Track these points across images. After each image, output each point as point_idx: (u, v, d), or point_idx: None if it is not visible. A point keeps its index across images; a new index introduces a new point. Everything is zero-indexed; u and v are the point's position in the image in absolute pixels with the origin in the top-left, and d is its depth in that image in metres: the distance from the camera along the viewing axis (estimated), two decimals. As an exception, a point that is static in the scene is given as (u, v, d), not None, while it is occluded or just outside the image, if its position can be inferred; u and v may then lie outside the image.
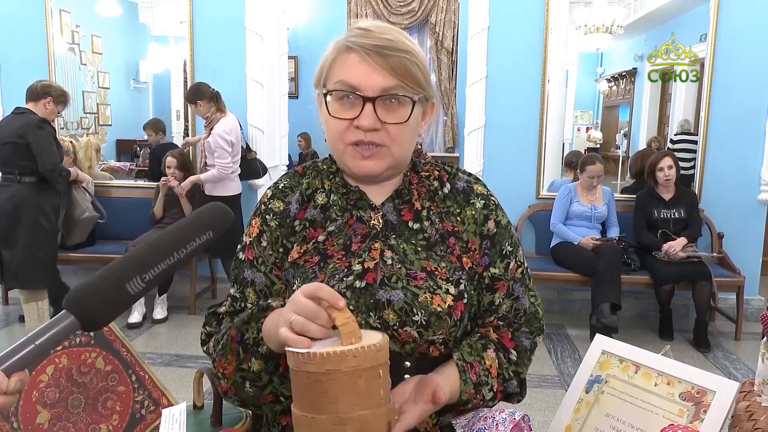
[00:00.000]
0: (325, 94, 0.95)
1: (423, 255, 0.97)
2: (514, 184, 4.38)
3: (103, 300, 0.63)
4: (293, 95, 6.97)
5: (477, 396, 0.95)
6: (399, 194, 1.01)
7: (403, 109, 0.93)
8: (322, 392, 0.72)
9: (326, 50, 0.97)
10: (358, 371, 0.72)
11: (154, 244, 0.69)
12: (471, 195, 1.03)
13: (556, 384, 3.31)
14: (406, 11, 7.33)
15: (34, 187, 3.54)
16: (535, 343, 1.04)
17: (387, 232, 0.98)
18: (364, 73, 0.91)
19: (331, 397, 0.72)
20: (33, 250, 3.54)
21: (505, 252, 1.02)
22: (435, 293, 0.93)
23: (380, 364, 0.75)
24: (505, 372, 0.99)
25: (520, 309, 1.02)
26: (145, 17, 6.65)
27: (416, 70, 0.94)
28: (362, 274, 0.94)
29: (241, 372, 0.92)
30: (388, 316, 0.91)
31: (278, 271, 1.00)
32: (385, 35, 0.93)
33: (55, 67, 4.72)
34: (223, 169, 4.09)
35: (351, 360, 0.72)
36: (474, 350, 0.98)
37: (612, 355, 1.04)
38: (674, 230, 4.03)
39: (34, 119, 3.52)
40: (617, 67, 7.95)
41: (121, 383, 1.12)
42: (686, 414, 0.91)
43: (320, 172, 1.04)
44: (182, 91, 5.71)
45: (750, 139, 4.22)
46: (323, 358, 0.71)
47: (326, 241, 0.98)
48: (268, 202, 1.03)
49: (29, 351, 0.60)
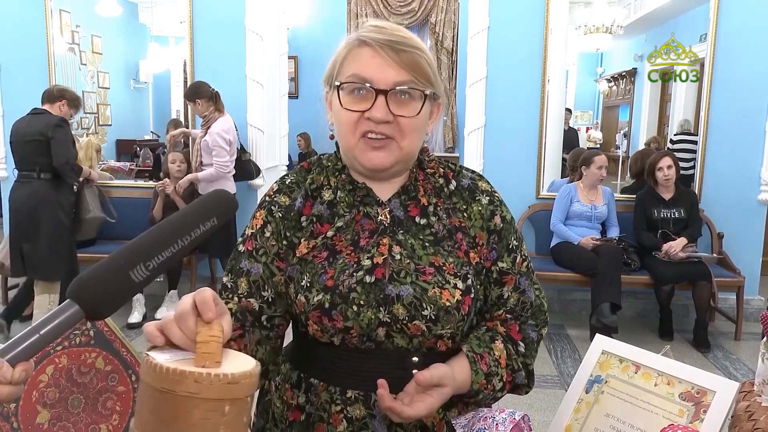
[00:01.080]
0: (337, 87, 0.95)
1: (431, 250, 0.98)
2: (514, 184, 4.38)
3: (107, 289, 0.62)
4: (293, 95, 6.97)
5: (488, 386, 0.96)
6: (405, 190, 1.02)
7: (415, 103, 0.95)
8: (154, 411, 0.61)
9: (337, 47, 0.98)
10: (196, 400, 0.60)
11: (157, 231, 0.68)
12: (476, 191, 1.05)
13: (556, 384, 3.31)
14: (406, 11, 7.33)
15: (52, 184, 3.67)
16: (541, 335, 1.06)
17: (394, 227, 0.99)
18: (377, 66, 0.93)
19: (162, 418, 0.61)
20: (54, 244, 3.68)
21: (512, 246, 1.03)
22: (444, 288, 0.94)
23: (229, 399, 0.61)
24: (515, 363, 1.01)
25: (527, 302, 1.04)
26: (145, 17, 6.65)
27: (427, 67, 0.95)
28: (371, 269, 0.95)
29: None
30: (397, 311, 0.92)
31: (279, 262, 1.00)
32: (398, 32, 0.95)
33: (55, 67, 4.72)
34: (222, 167, 4.09)
35: (190, 384, 0.60)
36: (482, 342, 0.99)
37: (612, 355, 1.04)
38: (674, 230, 4.03)
39: (54, 118, 3.66)
40: (617, 68, 7.94)
41: (121, 383, 1.12)
42: (686, 414, 0.91)
43: (324, 169, 1.05)
44: (182, 91, 5.71)
45: (750, 139, 4.22)
46: (161, 372, 0.60)
47: (335, 236, 0.99)
48: (273, 195, 1.04)
49: (34, 341, 0.60)
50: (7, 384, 0.59)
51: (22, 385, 0.61)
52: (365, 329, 0.92)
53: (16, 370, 0.59)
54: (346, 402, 0.96)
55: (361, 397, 0.95)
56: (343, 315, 0.93)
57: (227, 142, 4.08)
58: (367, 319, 0.92)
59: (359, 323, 0.92)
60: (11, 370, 0.59)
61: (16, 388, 0.60)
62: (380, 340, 0.93)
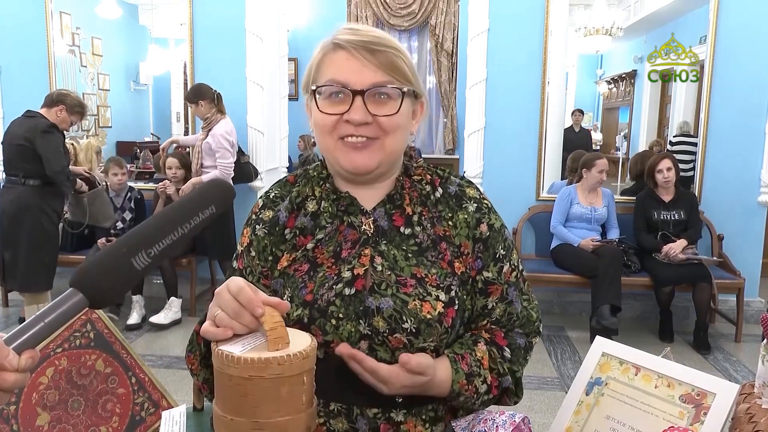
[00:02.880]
0: (314, 91, 0.95)
1: (413, 261, 0.96)
2: (514, 186, 4.39)
3: (109, 276, 0.63)
4: (293, 97, 6.96)
5: (469, 387, 0.94)
6: (391, 199, 1.00)
7: (393, 102, 0.93)
8: (243, 396, 0.71)
9: (313, 53, 0.98)
10: (282, 379, 0.71)
11: (158, 219, 0.69)
12: (463, 199, 1.02)
13: (556, 386, 3.30)
14: (406, 13, 7.34)
15: (38, 190, 3.55)
16: (531, 342, 1.04)
17: (378, 237, 0.98)
18: (353, 69, 0.92)
19: (252, 401, 0.71)
20: (35, 253, 3.55)
21: (499, 255, 1.01)
22: (425, 300, 0.92)
23: (306, 371, 0.73)
24: (500, 367, 0.98)
25: (513, 313, 1.01)
26: (145, 19, 6.66)
27: (404, 65, 0.94)
28: (352, 281, 0.94)
29: (208, 370, 0.92)
30: (377, 324, 0.91)
31: (266, 281, 1.00)
32: (372, 33, 0.93)
33: (55, 69, 4.72)
34: (226, 169, 4.09)
35: (275, 368, 0.71)
36: (464, 344, 0.98)
37: (612, 357, 1.04)
38: (674, 232, 4.03)
39: (42, 123, 3.52)
40: (617, 69, 7.94)
41: (120, 385, 1.12)
42: (686, 416, 0.91)
43: (310, 179, 1.04)
44: (182, 93, 5.72)
45: (750, 141, 4.23)
46: (247, 363, 0.70)
47: (315, 248, 0.98)
48: (259, 212, 1.03)
49: (38, 329, 0.60)
50: (13, 371, 0.59)
51: (27, 373, 0.62)
52: (347, 342, 0.91)
53: (22, 357, 0.59)
54: (329, 415, 0.95)
55: (344, 410, 0.94)
56: (322, 329, 0.92)
57: (231, 144, 4.09)
58: (347, 332, 0.91)
59: (339, 336, 0.91)
60: (17, 358, 0.59)
61: (22, 376, 0.60)
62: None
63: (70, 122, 3.73)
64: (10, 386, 0.59)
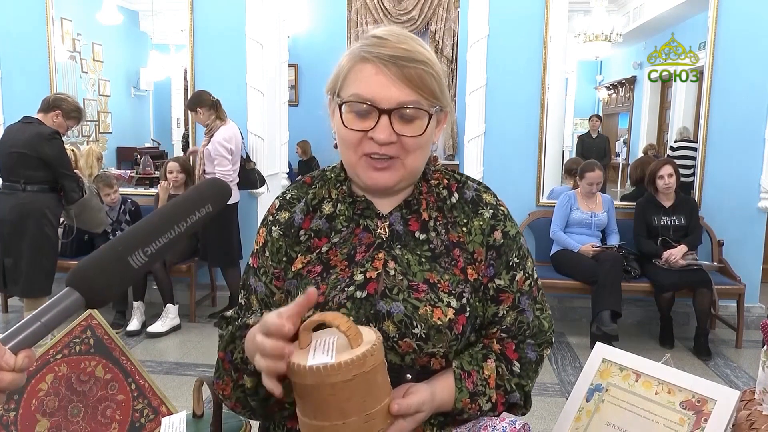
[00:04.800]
0: (339, 105, 0.93)
1: (426, 266, 0.96)
2: (514, 191, 4.39)
3: (106, 275, 0.63)
4: (293, 103, 6.98)
5: (473, 405, 0.94)
6: (407, 204, 1.00)
7: (420, 122, 0.92)
8: (349, 398, 0.76)
9: (341, 58, 0.95)
10: (376, 367, 0.78)
11: (154, 218, 0.69)
12: (480, 204, 1.02)
13: (556, 392, 3.30)
14: (406, 19, 7.36)
15: (39, 196, 3.53)
16: (542, 356, 1.03)
17: (392, 242, 0.98)
18: (381, 85, 0.90)
19: (359, 398, 0.77)
20: (38, 259, 3.54)
21: (512, 263, 1.00)
22: (436, 306, 0.92)
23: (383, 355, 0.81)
24: (507, 384, 0.98)
25: (524, 322, 1.00)
26: (146, 25, 6.68)
27: (432, 82, 0.92)
28: (364, 284, 0.94)
29: (240, 389, 0.93)
30: (387, 328, 0.91)
31: (278, 282, 1.00)
32: (402, 45, 0.91)
33: (56, 75, 4.73)
34: (223, 176, 4.09)
35: (370, 360, 0.76)
36: (474, 360, 0.97)
37: (612, 363, 1.03)
38: (674, 238, 4.03)
39: (45, 131, 3.49)
40: (616, 75, 7.96)
41: (120, 392, 1.11)
42: (687, 423, 0.91)
43: (327, 181, 1.03)
44: (183, 99, 5.72)
45: (749, 147, 4.23)
46: (347, 365, 0.75)
47: (329, 251, 0.98)
48: (275, 213, 1.03)
49: (35, 329, 0.60)
50: (9, 371, 0.59)
51: (24, 373, 0.61)
52: None
53: (18, 357, 0.60)
54: None
55: None
56: None
57: (228, 151, 4.09)
58: None
59: None
60: (14, 358, 0.59)
61: (19, 376, 0.60)
62: None
63: (67, 127, 3.70)
64: (6, 386, 0.59)
